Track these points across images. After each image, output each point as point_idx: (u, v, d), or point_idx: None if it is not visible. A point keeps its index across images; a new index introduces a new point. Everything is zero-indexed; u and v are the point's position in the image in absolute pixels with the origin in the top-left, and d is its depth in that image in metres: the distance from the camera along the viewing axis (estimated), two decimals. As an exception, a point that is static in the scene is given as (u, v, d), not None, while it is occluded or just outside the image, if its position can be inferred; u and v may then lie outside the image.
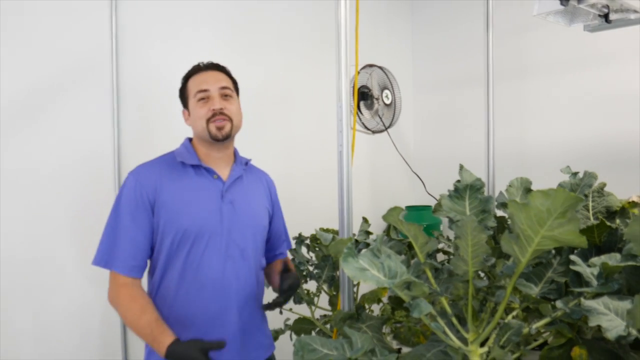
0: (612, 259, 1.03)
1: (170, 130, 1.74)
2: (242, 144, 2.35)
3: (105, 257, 1.33)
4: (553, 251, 1.16)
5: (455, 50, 3.08)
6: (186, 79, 1.46)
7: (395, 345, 1.57)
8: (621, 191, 1.54)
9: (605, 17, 1.60)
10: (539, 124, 2.72)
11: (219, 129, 1.39)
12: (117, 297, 1.32)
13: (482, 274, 1.42)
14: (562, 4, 1.47)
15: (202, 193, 1.38)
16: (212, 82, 1.41)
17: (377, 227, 2.80)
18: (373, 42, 2.97)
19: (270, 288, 1.59)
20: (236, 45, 2.35)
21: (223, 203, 1.39)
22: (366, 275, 0.92)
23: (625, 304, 0.89)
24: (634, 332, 0.85)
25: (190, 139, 1.48)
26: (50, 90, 1.80)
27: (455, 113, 3.10)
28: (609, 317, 0.88)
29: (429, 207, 3.05)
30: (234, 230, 1.39)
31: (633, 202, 1.29)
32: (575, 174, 1.54)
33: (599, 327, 0.92)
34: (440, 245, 1.77)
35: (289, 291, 1.43)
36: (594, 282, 1.04)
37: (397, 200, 3.02)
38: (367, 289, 1.77)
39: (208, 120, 1.38)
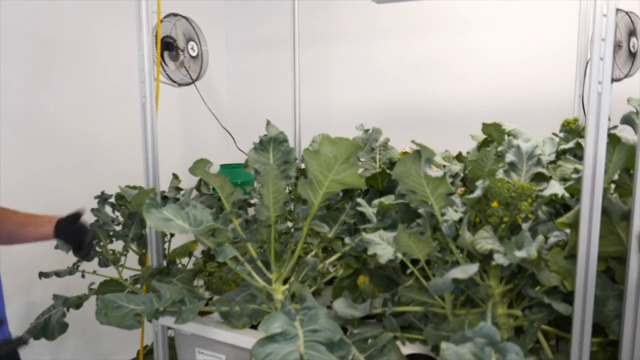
0: (388, 199, 1.22)
1: None
2: (32, 97, 2.06)
3: None
4: (341, 193, 1.31)
5: (266, 11, 3.13)
6: None
7: (207, 295, 1.61)
8: (403, 145, 1.80)
9: (390, -9, 1.82)
10: (341, 86, 2.97)
11: None
12: None
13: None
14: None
15: None
16: None
17: (190, 184, 2.76)
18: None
19: None
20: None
21: None
22: (170, 225, 0.92)
23: (394, 234, 1.08)
24: (399, 255, 1.04)
25: None
26: None
27: (267, 72, 3.18)
28: (382, 245, 1.06)
29: (242, 164, 3.12)
30: None
31: (405, 152, 1.53)
32: (366, 130, 1.77)
33: (376, 256, 1.10)
34: (253, 201, 1.86)
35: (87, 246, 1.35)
36: (374, 220, 1.23)
37: (211, 157, 2.98)
38: (179, 244, 1.76)
39: None
